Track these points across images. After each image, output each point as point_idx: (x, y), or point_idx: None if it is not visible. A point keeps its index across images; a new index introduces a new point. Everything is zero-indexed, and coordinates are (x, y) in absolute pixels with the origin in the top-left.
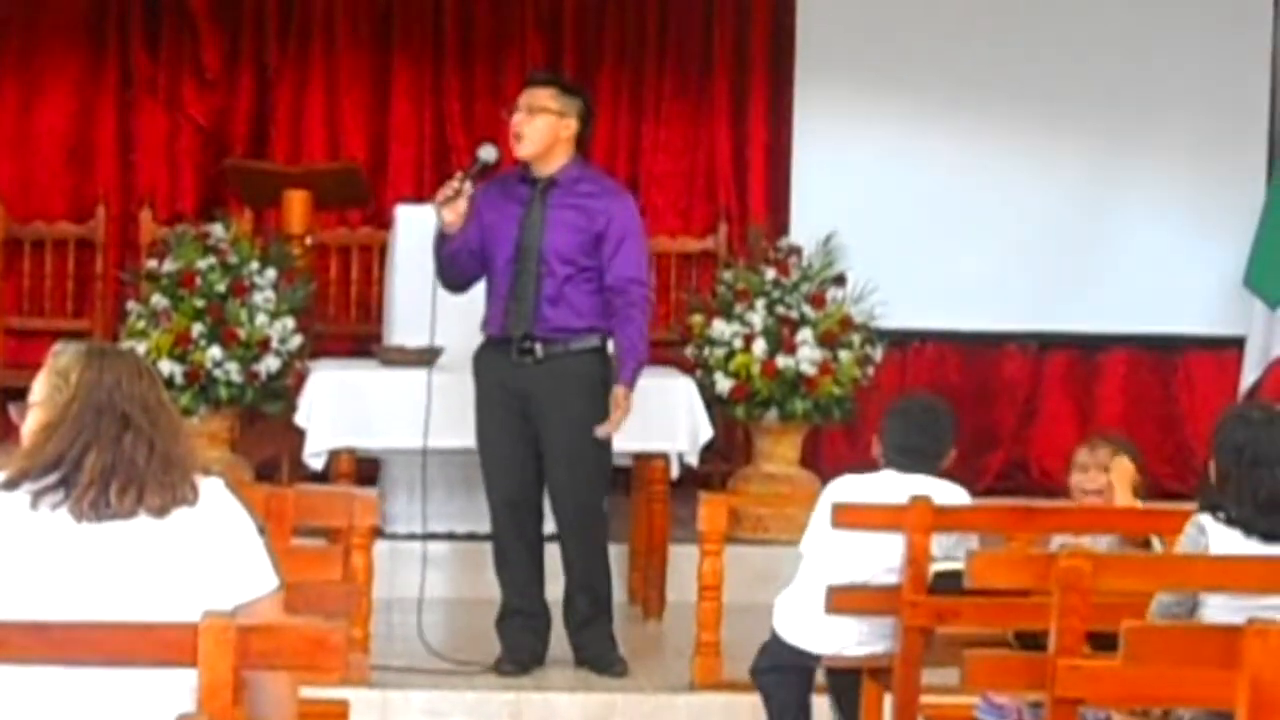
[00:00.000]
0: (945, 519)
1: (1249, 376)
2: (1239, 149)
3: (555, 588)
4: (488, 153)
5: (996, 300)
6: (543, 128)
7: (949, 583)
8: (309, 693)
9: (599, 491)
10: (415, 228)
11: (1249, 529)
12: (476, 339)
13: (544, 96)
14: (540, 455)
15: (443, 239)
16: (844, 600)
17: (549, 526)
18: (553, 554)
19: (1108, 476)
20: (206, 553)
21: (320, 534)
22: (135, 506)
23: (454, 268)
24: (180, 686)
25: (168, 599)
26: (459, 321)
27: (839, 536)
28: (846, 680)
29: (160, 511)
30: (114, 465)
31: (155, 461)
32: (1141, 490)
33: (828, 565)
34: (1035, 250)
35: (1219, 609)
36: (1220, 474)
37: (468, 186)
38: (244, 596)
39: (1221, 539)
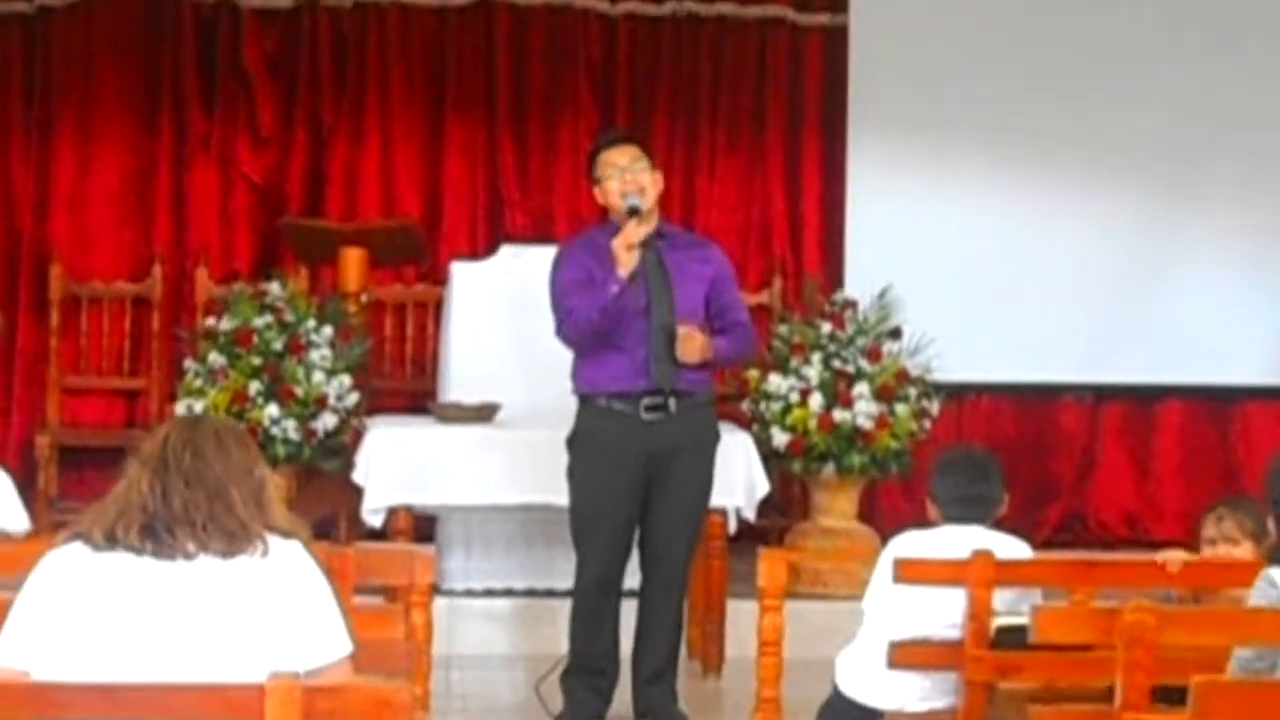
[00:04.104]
0: (1007, 573)
1: None
2: None
3: (624, 640)
4: (640, 200)
5: (1052, 352)
6: (649, 182)
7: (1012, 637)
8: None
9: (695, 550)
10: (471, 284)
11: None
12: (538, 395)
13: (638, 155)
14: (641, 513)
15: (613, 291)
16: (906, 655)
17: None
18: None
19: (1238, 550)
20: (278, 609)
21: (376, 591)
22: (197, 549)
23: (613, 319)
24: None
25: (233, 648)
26: (517, 377)
27: (901, 592)
28: None
29: (223, 554)
30: (173, 512)
31: (217, 511)
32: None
33: (890, 621)
34: (1090, 301)
35: None
36: (1277, 515)
37: (644, 231)
38: (319, 660)
39: None
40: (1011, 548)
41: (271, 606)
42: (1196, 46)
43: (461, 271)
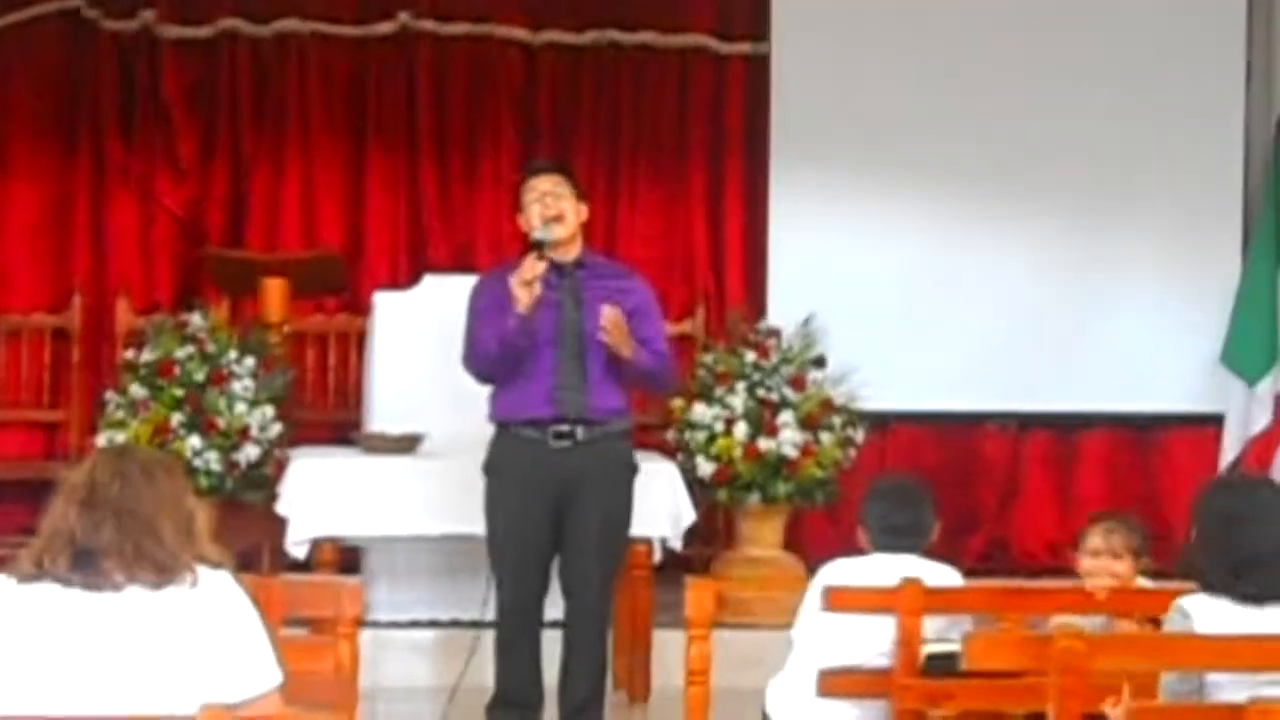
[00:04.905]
0: (937, 600)
1: (1229, 453)
2: (1214, 229)
3: (548, 672)
4: (548, 232)
5: (975, 380)
6: (571, 210)
7: (942, 664)
8: None
9: (615, 578)
10: (394, 314)
11: (1229, 591)
12: (462, 425)
13: (561, 181)
14: (556, 541)
15: (511, 326)
16: (836, 684)
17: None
18: (547, 637)
19: (1119, 565)
20: (207, 640)
21: (301, 623)
22: (126, 579)
23: (514, 352)
24: None
25: (163, 679)
26: (441, 408)
27: (830, 620)
28: None
29: (153, 585)
30: (102, 543)
31: (146, 543)
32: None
33: (820, 649)
34: (1013, 330)
35: (1224, 686)
36: (1201, 538)
37: (541, 267)
38: (249, 691)
39: (1207, 615)
40: (942, 575)
41: (201, 637)
42: (1122, 79)
43: (385, 302)
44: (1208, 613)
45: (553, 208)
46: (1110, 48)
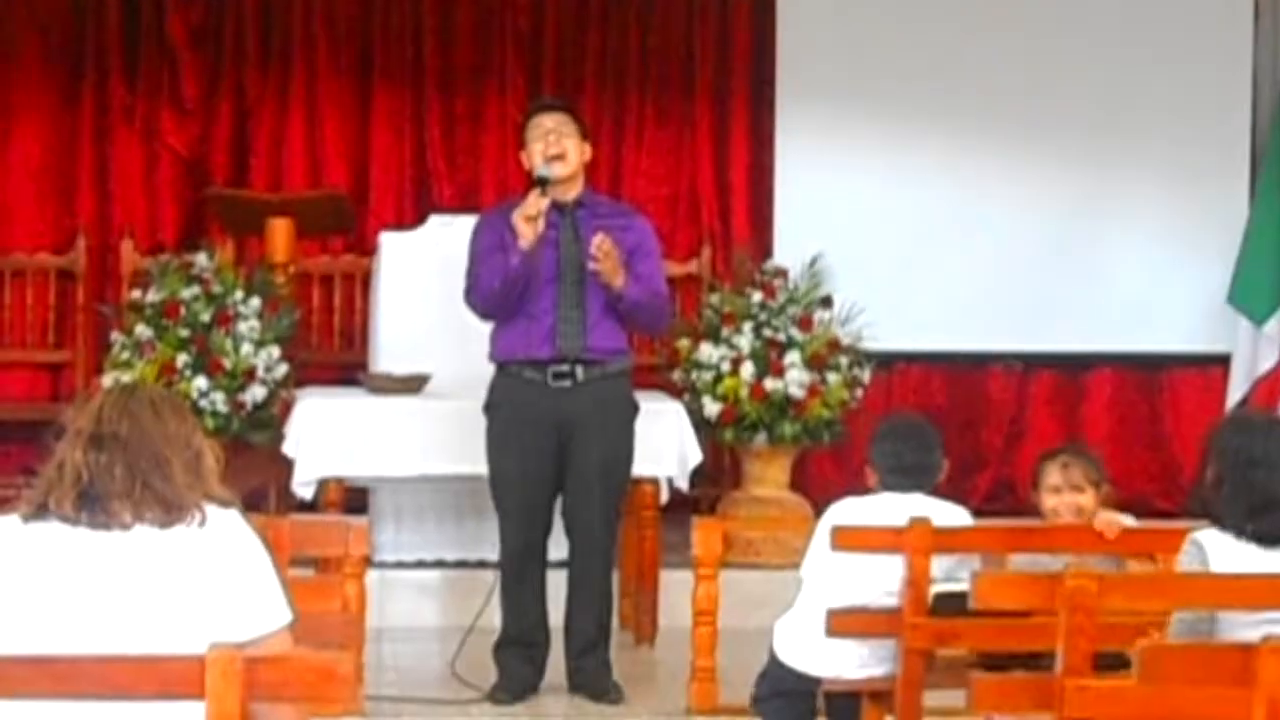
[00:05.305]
0: (945, 540)
1: (1235, 393)
2: (1222, 168)
3: (554, 613)
4: (550, 170)
5: (982, 321)
6: (574, 149)
7: (950, 604)
8: None
9: (617, 518)
10: (400, 255)
11: (1242, 533)
12: (468, 365)
13: (565, 120)
14: (558, 481)
15: (514, 263)
16: (844, 623)
17: (553, 552)
18: (553, 579)
19: (1082, 498)
20: (217, 579)
21: (307, 563)
22: (134, 519)
23: (516, 289)
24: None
25: (171, 618)
26: (447, 348)
27: (839, 559)
28: (847, 704)
29: (161, 524)
30: (111, 483)
31: (154, 481)
32: (1110, 497)
33: (828, 589)
34: (1020, 270)
35: (1236, 625)
36: (1216, 478)
37: (544, 203)
38: (259, 629)
39: (1221, 552)
40: (950, 515)
41: (210, 576)
42: (1127, 16)
43: (391, 242)
44: (1221, 549)
45: (556, 145)
46: None
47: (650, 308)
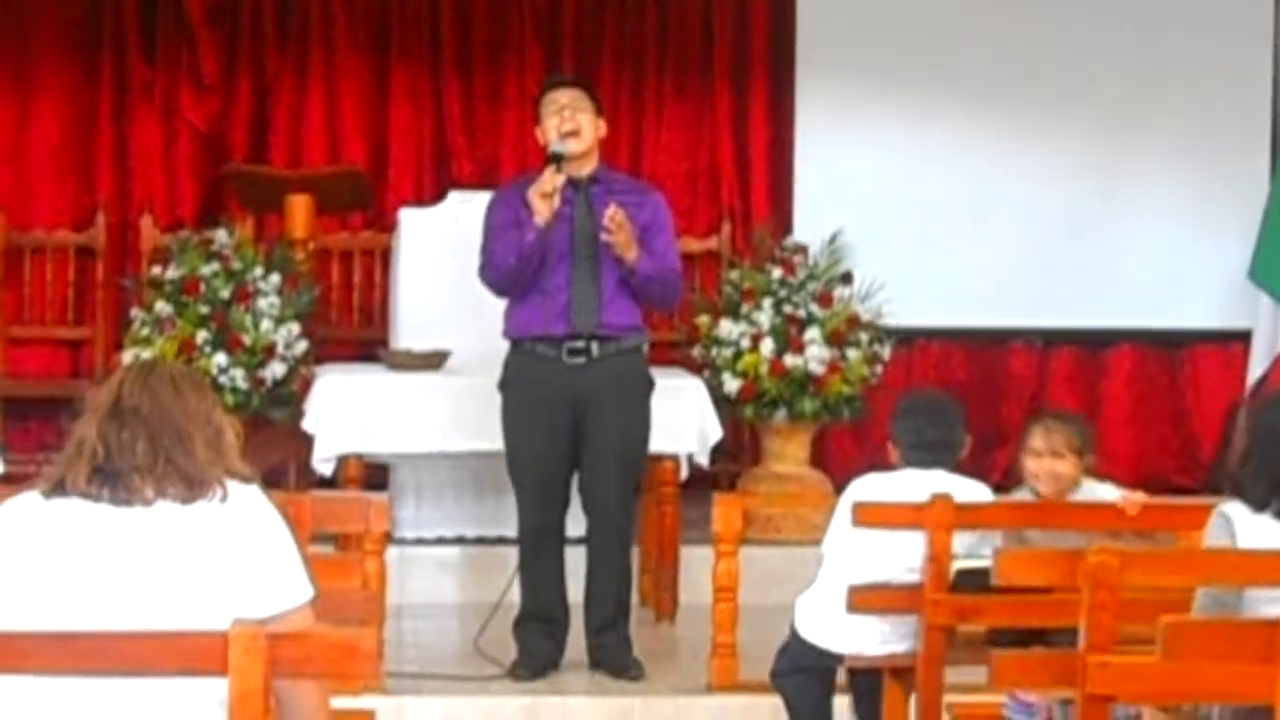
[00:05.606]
0: (966, 516)
1: (1256, 370)
2: (1243, 143)
3: (574, 590)
4: (564, 146)
5: (1002, 297)
6: (589, 125)
7: (971, 580)
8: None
9: (635, 494)
10: (420, 231)
11: (1264, 507)
12: (488, 342)
13: (580, 96)
14: (574, 457)
15: (530, 239)
16: (866, 599)
17: (572, 528)
18: (571, 555)
19: (1061, 465)
20: (238, 555)
21: (327, 539)
22: (155, 494)
23: (532, 265)
24: (209, 697)
25: (194, 594)
26: (466, 324)
27: (860, 536)
28: (868, 681)
29: (183, 500)
30: (133, 459)
31: (177, 457)
32: (1094, 467)
33: (849, 565)
34: (1040, 247)
35: (1259, 601)
36: (1245, 452)
37: (560, 180)
38: (280, 605)
39: (1247, 525)
40: (972, 491)
41: (232, 552)
42: None
43: (410, 218)
44: (1247, 522)
45: (570, 121)
46: None
47: (662, 283)
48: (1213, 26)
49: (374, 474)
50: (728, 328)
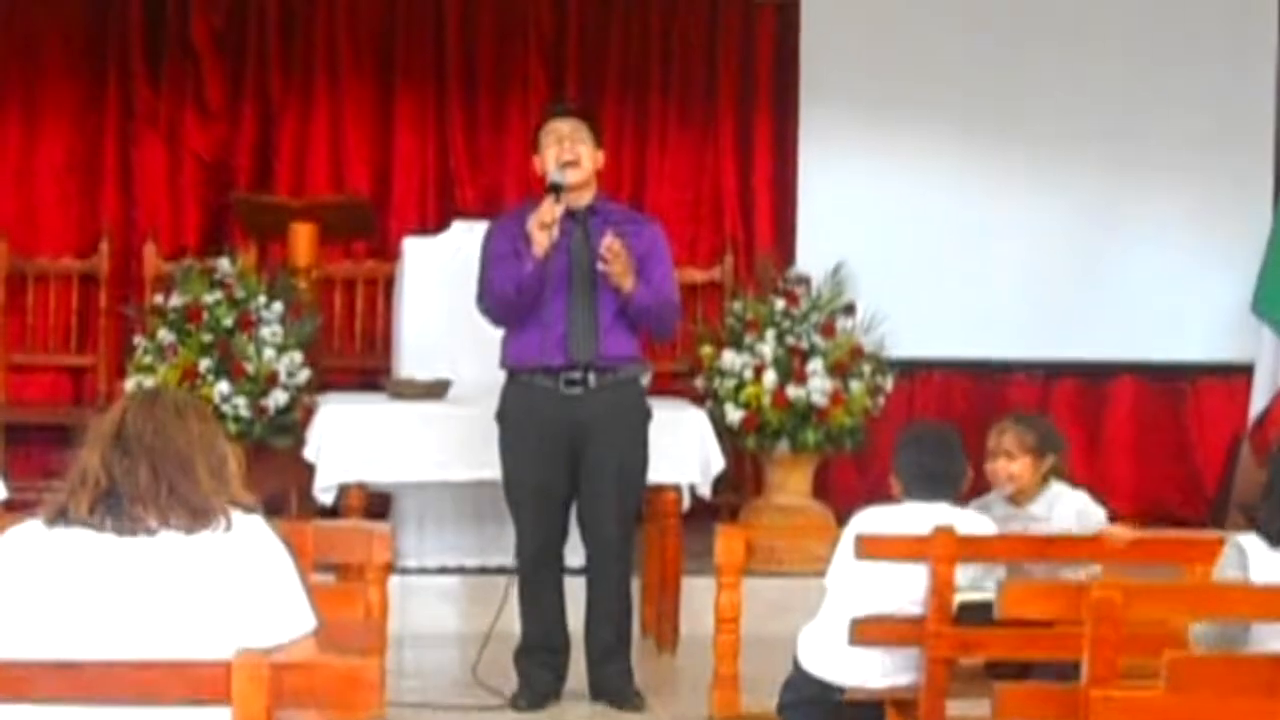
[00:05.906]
0: (970, 549)
1: (1258, 403)
2: (1245, 175)
3: (574, 620)
4: (563, 176)
5: (1004, 329)
6: (587, 155)
7: (974, 614)
8: None
9: (634, 523)
10: (423, 260)
11: (1275, 542)
12: (490, 371)
13: (580, 126)
14: (572, 487)
15: (528, 270)
16: (868, 632)
17: (572, 559)
18: (572, 585)
19: (1014, 466)
20: (242, 585)
21: (328, 569)
22: (159, 524)
23: (530, 296)
24: None
25: (197, 623)
26: (469, 354)
27: (863, 568)
28: (870, 713)
29: (186, 529)
30: (136, 488)
31: (180, 486)
32: (1062, 469)
33: (852, 597)
34: (1042, 278)
35: (1265, 635)
36: (1267, 486)
37: (559, 210)
38: (284, 635)
39: (1260, 558)
40: (975, 524)
41: (236, 582)
42: (1152, 22)
43: (414, 247)
44: (1263, 558)
45: (569, 151)
46: None
47: (659, 313)
48: (1215, 59)
49: (375, 503)
50: (730, 358)
